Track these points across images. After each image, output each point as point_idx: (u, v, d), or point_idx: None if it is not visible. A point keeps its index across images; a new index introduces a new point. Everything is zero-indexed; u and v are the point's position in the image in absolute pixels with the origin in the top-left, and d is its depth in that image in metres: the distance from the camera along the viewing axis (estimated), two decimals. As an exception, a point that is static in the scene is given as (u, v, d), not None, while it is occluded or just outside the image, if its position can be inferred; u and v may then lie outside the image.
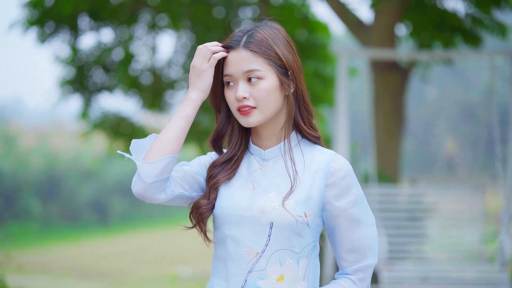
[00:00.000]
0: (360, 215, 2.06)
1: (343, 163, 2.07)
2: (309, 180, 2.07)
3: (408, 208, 6.73)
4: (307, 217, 2.04)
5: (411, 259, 6.64)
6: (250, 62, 2.06)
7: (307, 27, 9.61)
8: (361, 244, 2.06)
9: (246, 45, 2.07)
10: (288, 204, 2.04)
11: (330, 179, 2.06)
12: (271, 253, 2.05)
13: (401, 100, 7.71)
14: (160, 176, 2.04)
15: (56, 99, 9.93)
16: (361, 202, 2.07)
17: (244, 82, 2.07)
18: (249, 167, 2.14)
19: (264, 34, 2.09)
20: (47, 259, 16.62)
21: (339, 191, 2.06)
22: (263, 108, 2.06)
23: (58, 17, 8.92)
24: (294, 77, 2.09)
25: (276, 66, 2.07)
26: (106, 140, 10.59)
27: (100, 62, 9.69)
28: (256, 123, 2.08)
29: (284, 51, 2.08)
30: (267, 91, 2.06)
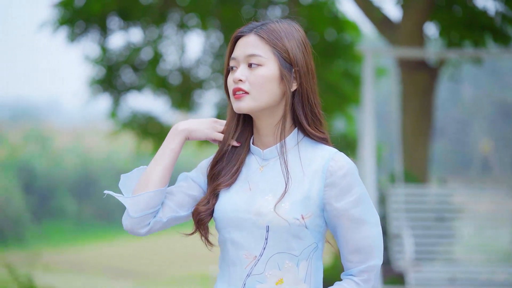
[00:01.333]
0: (362, 215, 2.00)
1: (343, 162, 2.01)
2: (308, 180, 2.02)
3: (436, 209, 6.65)
4: (305, 219, 1.99)
5: (439, 260, 6.56)
6: (254, 47, 2.03)
7: (336, 26, 9.55)
8: (365, 244, 2.00)
9: (256, 31, 2.05)
10: (284, 207, 1.99)
11: (329, 179, 2.00)
12: (269, 256, 2.01)
13: (430, 100, 7.62)
14: (145, 210, 2.05)
15: (86, 99, 10.02)
16: (363, 201, 2.01)
17: (244, 66, 2.04)
18: (249, 167, 2.10)
19: (278, 26, 2.06)
20: (80, 258, 16.77)
21: (339, 191, 2.00)
22: (256, 94, 2.02)
23: (88, 17, 9.00)
24: (299, 76, 2.04)
25: (280, 58, 2.03)
26: (135, 140, 10.64)
27: (129, 61, 9.74)
28: (247, 110, 2.03)
29: (294, 47, 2.04)
30: (264, 78, 2.01)
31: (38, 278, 8.01)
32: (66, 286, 12.81)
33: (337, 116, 10.52)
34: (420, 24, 7.37)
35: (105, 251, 17.62)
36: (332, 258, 8.05)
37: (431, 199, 6.74)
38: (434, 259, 6.52)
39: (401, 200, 6.52)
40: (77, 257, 17.08)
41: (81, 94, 10.07)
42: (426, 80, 7.55)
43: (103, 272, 14.84)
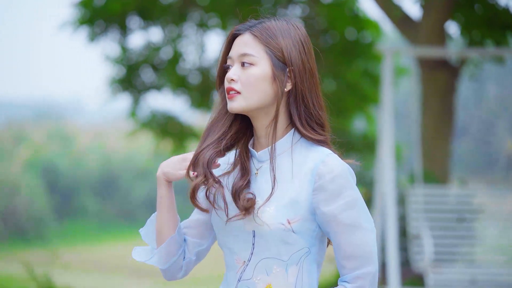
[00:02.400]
0: (354, 219, 1.93)
1: (333, 165, 1.95)
2: (297, 184, 1.96)
3: (456, 209, 6.58)
4: (292, 223, 1.94)
5: (459, 262, 6.48)
6: (247, 46, 1.99)
7: (356, 25, 9.49)
8: (358, 250, 1.94)
9: (251, 29, 2.00)
10: (269, 212, 1.95)
11: (318, 182, 1.95)
12: (257, 262, 1.97)
13: (451, 99, 7.54)
14: (170, 258, 2.09)
15: (106, 98, 10.04)
16: (354, 206, 1.94)
17: (238, 65, 2.00)
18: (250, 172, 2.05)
19: (274, 24, 2.02)
20: (101, 257, 16.83)
21: (327, 195, 1.94)
22: (247, 94, 1.97)
23: (108, 16, 9.02)
24: (294, 76, 1.99)
25: (273, 57, 1.98)
26: (154, 139, 10.65)
27: (149, 61, 9.75)
28: (239, 110, 1.98)
29: (289, 46, 1.99)
30: (255, 78, 1.97)
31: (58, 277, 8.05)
32: (86, 285, 12.85)
33: (357, 116, 10.45)
34: (441, 23, 7.30)
35: (126, 251, 17.68)
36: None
37: (451, 200, 6.66)
38: (454, 260, 6.44)
39: (421, 200, 6.45)
40: (98, 256, 17.14)
41: (102, 93, 10.10)
42: (447, 79, 7.46)
43: (123, 271, 14.87)
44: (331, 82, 10.18)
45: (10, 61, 68.24)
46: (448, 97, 7.52)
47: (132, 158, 23.30)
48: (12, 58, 67.83)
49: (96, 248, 18.57)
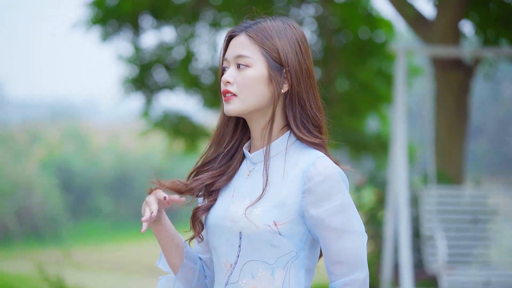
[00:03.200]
0: (342, 224, 1.89)
1: (323, 167, 1.91)
2: (286, 186, 1.92)
3: (470, 210, 6.51)
4: (278, 225, 1.90)
5: (473, 263, 6.41)
6: (243, 48, 1.96)
7: (370, 24, 9.42)
8: (347, 256, 1.89)
9: (247, 30, 1.98)
10: (255, 213, 1.91)
11: (307, 185, 1.90)
12: (243, 264, 1.93)
13: (465, 99, 7.46)
14: (191, 284, 2.10)
15: (119, 98, 10.04)
16: (343, 210, 1.89)
17: (234, 67, 1.97)
18: (240, 173, 2.03)
19: (270, 24, 1.98)
20: (115, 257, 16.86)
21: (315, 198, 1.90)
22: (243, 97, 1.94)
23: (120, 16, 9.01)
24: (290, 77, 1.96)
25: (269, 58, 1.95)
26: (167, 139, 10.63)
27: (161, 61, 9.73)
28: (235, 113, 1.96)
29: (285, 46, 1.96)
30: (251, 80, 1.94)
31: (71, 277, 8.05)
32: (100, 285, 12.86)
33: (370, 116, 10.39)
34: (455, 22, 7.22)
35: (140, 250, 17.69)
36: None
37: (465, 201, 6.59)
38: (468, 262, 6.37)
39: (434, 201, 6.39)
40: (112, 256, 17.18)
41: (115, 93, 10.10)
42: (461, 79, 7.39)
43: (137, 271, 14.89)
44: (344, 81, 10.13)
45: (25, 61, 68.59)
46: (463, 96, 7.44)
47: (147, 158, 23.33)
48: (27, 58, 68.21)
49: (110, 248, 18.61)
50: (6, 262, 16.14)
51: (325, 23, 9.63)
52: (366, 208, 7.54)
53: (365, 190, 7.67)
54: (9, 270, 14.74)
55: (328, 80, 9.70)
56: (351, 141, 10.15)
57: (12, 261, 16.18)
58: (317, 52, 9.85)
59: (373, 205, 7.54)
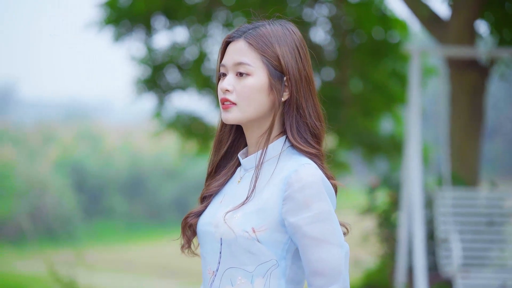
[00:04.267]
0: (321, 233, 1.83)
1: (304, 174, 1.84)
2: (268, 192, 1.88)
3: (486, 212, 6.43)
4: (257, 232, 1.85)
5: (488, 266, 6.33)
6: (242, 55, 1.91)
7: (384, 24, 9.36)
8: (324, 267, 1.83)
9: (246, 36, 1.92)
10: (235, 218, 1.86)
11: (287, 191, 1.85)
12: (223, 271, 1.89)
13: (480, 100, 7.39)
14: None
15: (132, 99, 10.02)
16: (323, 219, 1.83)
17: (232, 75, 1.92)
18: (233, 179, 2.00)
19: (269, 30, 1.93)
20: (129, 257, 16.87)
21: (294, 205, 1.84)
22: (244, 106, 1.90)
23: (133, 16, 9.00)
24: (291, 84, 1.91)
25: (270, 66, 1.90)
26: (179, 140, 10.60)
27: (174, 61, 9.71)
28: (234, 121, 1.92)
29: (286, 53, 1.91)
30: (252, 89, 1.89)
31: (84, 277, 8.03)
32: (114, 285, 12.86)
33: (384, 116, 10.32)
34: (470, 22, 7.15)
35: (154, 251, 17.69)
36: (378, 261, 7.88)
37: (481, 203, 6.52)
38: (484, 265, 6.30)
39: (449, 203, 6.32)
40: (126, 256, 17.19)
41: (127, 93, 10.08)
42: (477, 79, 7.31)
43: (151, 271, 14.89)
44: (358, 82, 10.07)
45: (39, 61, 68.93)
46: (478, 97, 7.37)
47: (160, 158, 23.36)
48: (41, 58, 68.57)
49: (124, 248, 18.63)
50: (19, 262, 16.20)
51: (339, 23, 9.58)
52: (380, 210, 7.48)
53: (378, 192, 7.61)
54: (23, 270, 14.78)
55: (341, 80, 9.64)
56: (364, 142, 10.08)
57: (25, 261, 16.23)
58: (331, 53, 9.80)
59: (386, 207, 7.48)
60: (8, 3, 64.98)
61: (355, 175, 16.13)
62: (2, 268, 15.17)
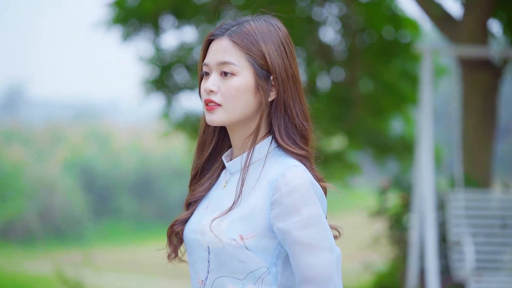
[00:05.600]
0: (310, 239, 1.75)
1: (292, 177, 1.76)
2: (256, 196, 1.79)
3: (499, 215, 6.34)
4: (245, 239, 1.77)
5: (502, 270, 6.24)
6: (227, 54, 1.82)
7: (394, 24, 9.27)
8: (315, 273, 1.75)
9: (230, 34, 1.83)
10: (222, 226, 1.78)
11: (275, 196, 1.77)
12: (213, 280, 1.81)
13: (493, 100, 7.29)
14: None
15: (140, 99, 9.96)
16: (312, 224, 1.75)
17: (216, 75, 1.83)
18: (218, 183, 1.91)
19: (254, 27, 1.84)
20: (137, 258, 16.85)
21: (282, 210, 1.76)
22: (229, 107, 1.81)
23: (141, 16, 8.94)
24: (278, 84, 1.82)
25: (256, 65, 1.81)
26: (187, 140, 10.55)
27: (182, 61, 9.65)
28: (219, 123, 1.83)
29: (272, 51, 1.82)
30: (237, 89, 1.81)
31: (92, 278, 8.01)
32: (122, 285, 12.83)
33: (395, 117, 10.23)
34: (483, 21, 7.05)
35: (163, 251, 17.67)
36: (389, 263, 7.79)
37: (494, 205, 6.43)
38: (497, 268, 6.21)
39: (462, 205, 6.24)
40: (134, 256, 17.17)
41: (136, 93, 10.04)
42: (489, 79, 7.22)
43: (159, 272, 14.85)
44: (368, 82, 9.99)
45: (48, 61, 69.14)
46: (490, 97, 7.28)
47: (169, 158, 23.36)
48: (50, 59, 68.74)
49: (132, 248, 18.62)
50: (28, 262, 16.20)
51: (349, 23, 9.49)
52: (391, 212, 7.40)
53: (389, 193, 7.53)
54: (31, 270, 14.76)
55: (351, 81, 9.56)
56: (375, 143, 10.00)
57: (33, 261, 16.23)
58: (341, 53, 9.71)
59: (398, 209, 7.40)
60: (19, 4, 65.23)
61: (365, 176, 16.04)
62: (10, 268, 15.17)
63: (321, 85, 9.89)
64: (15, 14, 73.98)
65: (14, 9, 76.88)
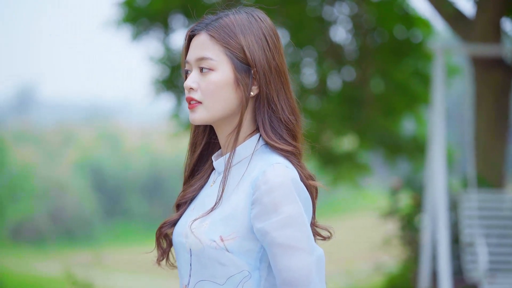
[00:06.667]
0: (288, 239, 1.66)
1: (273, 175, 1.68)
2: (238, 196, 1.72)
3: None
4: (225, 241, 1.69)
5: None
6: (204, 49, 1.75)
7: (406, 23, 9.20)
8: (293, 275, 1.66)
9: (208, 28, 1.77)
10: (203, 227, 1.71)
11: (255, 194, 1.69)
12: (194, 284, 1.74)
13: (506, 99, 7.23)
14: None
15: (150, 99, 9.93)
16: (291, 224, 1.66)
17: (196, 71, 1.77)
18: (207, 184, 1.85)
19: (233, 19, 1.78)
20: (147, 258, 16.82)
21: (262, 209, 1.68)
22: (209, 104, 1.74)
23: (151, 15, 8.91)
24: (259, 77, 1.75)
25: (234, 59, 1.74)
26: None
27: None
28: (201, 121, 1.76)
29: (252, 43, 1.75)
30: (216, 85, 1.74)
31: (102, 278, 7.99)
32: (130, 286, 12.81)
33: (406, 117, 10.16)
34: (496, 19, 6.99)
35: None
36: (400, 265, 7.73)
37: (507, 205, 6.36)
38: (511, 269, 6.14)
39: (474, 206, 6.18)
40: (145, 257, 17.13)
41: (146, 94, 10.00)
42: (502, 78, 7.15)
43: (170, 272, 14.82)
44: (379, 82, 9.92)
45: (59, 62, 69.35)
46: (504, 96, 7.21)
47: (179, 159, 23.29)
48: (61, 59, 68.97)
49: (143, 249, 18.59)
50: (38, 263, 16.22)
51: (360, 22, 9.43)
52: (402, 213, 7.34)
53: (401, 194, 7.47)
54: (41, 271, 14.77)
55: (362, 80, 9.49)
56: (386, 143, 9.93)
57: (44, 262, 16.24)
58: (352, 52, 9.65)
59: (409, 210, 7.34)
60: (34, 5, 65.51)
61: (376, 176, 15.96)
62: (21, 269, 15.19)
63: (332, 85, 9.83)
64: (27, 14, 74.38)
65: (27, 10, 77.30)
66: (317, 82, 9.81)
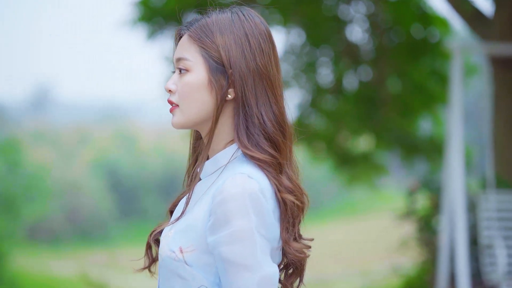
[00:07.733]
0: (233, 255, 1.54)
1: (229, 186, 1.57)
2: (200, 206, 1.62)
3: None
4: (184, 253, 1.59)
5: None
6: (183, 49, 1.67)
7: (423, 22, 9.11)
8: None
9: (189, 28, 1.68)
10: (168, 235, 1.63)
11: (212, 205, 1.58)
12: None
13: (525, 99, 7.13)
14: None
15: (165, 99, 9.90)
16: (239, 239, 1.54)
17: (177, 73, 1.68)
18: None
19: (214, 19, 1.68)
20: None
21: (214, 222, 1.57)
22: (184, 107, 1.65)
23: (166, 14, 8.89)
24: (235, 79, 1.63)
25: (210, 59, 1.64)
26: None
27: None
28: (179, 125, 1.68)
29: (228, 43, 1.64)
30: (190, 87, 1.64)
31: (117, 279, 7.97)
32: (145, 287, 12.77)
33: (424, 117, 10.07)
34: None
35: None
36: (418, 266, 7.65)
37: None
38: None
39: (493, 207, 6.10)
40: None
41: (161, 94, 9.99)
42: (521, 78, 7.06)
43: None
44: (396, 81, 9.84)
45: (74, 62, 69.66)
46: (522, 96, 7.13)
47: (194, 159, 23.36)
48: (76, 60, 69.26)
49: (158, 249, 18.63)
50: (54, 262, 16.25)
51: (377, 21, 9.35)
52: (420, 214, 7.27)
53: (418, 195, 7.39)
54: (56, 271, 14.80)
55: (379, 80, 9.42)
56: (403, 143, 9.85)
57: (59, 262, 16.27)
58: (368, 52, 9.57)
59: (427, 211, 7.26)
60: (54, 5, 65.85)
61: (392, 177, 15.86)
62: (36, 269, 15.23)
63: (348, 84, 9.76)
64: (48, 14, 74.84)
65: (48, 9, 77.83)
66: (333, 82, 9.74)
